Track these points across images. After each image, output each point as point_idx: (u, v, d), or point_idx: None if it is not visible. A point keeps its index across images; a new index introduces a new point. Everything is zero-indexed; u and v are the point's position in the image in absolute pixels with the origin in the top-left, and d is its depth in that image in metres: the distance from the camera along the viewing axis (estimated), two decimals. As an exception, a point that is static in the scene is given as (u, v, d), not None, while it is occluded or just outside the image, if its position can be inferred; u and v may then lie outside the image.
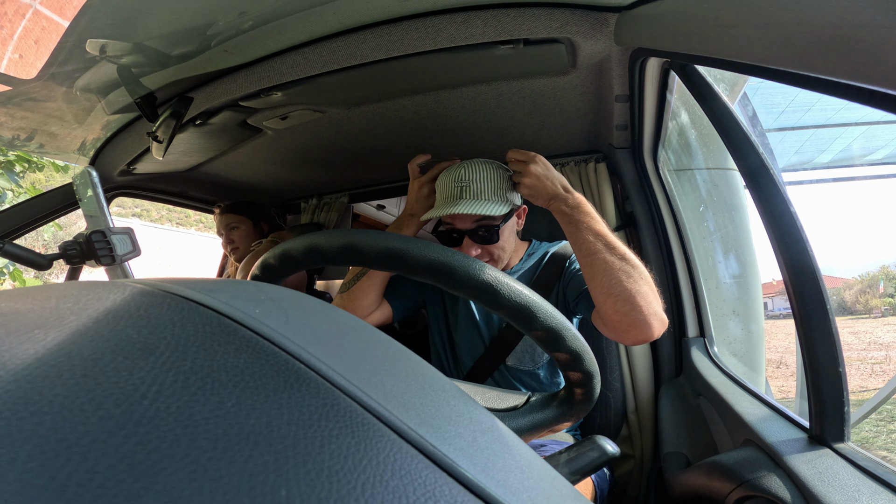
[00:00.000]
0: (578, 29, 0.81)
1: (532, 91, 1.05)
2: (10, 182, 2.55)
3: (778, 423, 0.65)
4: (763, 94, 2.24)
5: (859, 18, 0.34)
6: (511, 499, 0.16)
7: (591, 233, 0.76)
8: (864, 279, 12.37)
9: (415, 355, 0.23)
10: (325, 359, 0.18)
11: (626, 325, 0.72)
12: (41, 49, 0.75)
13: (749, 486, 0.57)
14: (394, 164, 1.54)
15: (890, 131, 2.72)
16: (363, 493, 0.13)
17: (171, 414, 0.13)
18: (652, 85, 0.92)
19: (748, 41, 0.47)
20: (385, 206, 2.47)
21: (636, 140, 1.16)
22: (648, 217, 1.22)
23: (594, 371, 0.42)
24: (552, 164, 1.42)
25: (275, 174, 1.61)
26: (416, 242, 0.36)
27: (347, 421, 0.16)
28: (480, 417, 0.21)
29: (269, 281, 0.44)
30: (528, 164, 0.82)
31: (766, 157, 0.63)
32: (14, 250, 0.47)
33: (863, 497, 0.46)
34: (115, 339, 0.16)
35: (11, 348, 0.14)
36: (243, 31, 0.81)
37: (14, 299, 0.19)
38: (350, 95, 1.06)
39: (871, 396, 3.08)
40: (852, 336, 8.44)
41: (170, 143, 1.01)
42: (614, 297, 0.72)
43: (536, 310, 0.36)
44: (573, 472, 0.40)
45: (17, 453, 0.11)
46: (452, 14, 0.81)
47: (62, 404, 0.13)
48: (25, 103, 0.94)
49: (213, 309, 0.19)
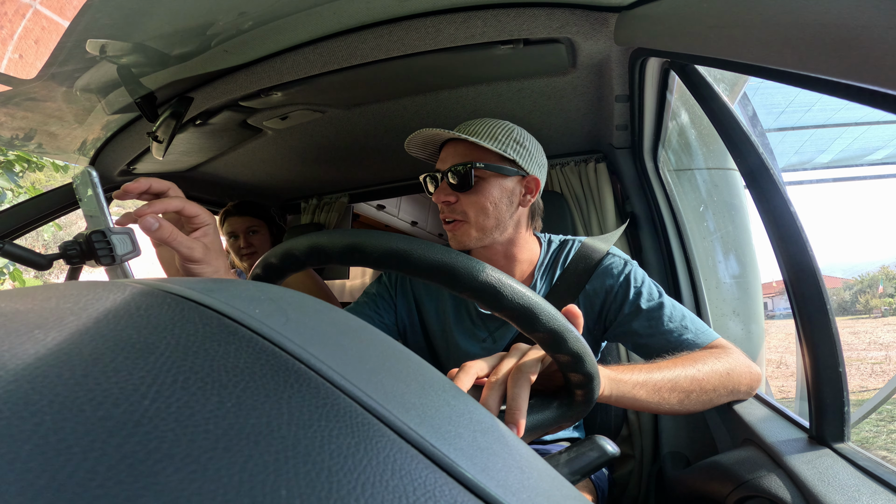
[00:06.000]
0: (578, 29, 0.81)
1: (532, 91, 1.05)
2: (9, 182, 2.55)
3: (778, 423, 0.65)
4: (763, 94, 2.24)
5: (859, 18, 0.34)
6: (511, 499, 0.16)
7: (644, 394, 0.57)
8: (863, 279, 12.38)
9: (415, 355, 0.23)
10: (325, 359, 0.18)
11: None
12: (41, 49, 0.75)
13: (749, 487, 0.57)
14: (394, 164, 1.54)
15: (890, 131, 2.72)
16: (363, 493, 0.13)
17: (171, 414, 0.13)
18: (652, 85, 0.92)
19: (748, 41, 0.47)
20: (385, 206, 2.47)
21: (636, 140, 1.16)
22: (648, 217, 1.22)
23: (595, 373, 0.42)
24: (552, 164, 1.44)
25: (275, 174, 1.61)
26: (420, 243, 0.36)
27: (347, 421, 0.16)
28: (480, 417, 0.21)
29: (270, 280, 0.44)
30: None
31: (766, 157, 0.63)
32: (14, 250, 0.47)
33: (863, 497, 0.46)
34: (115, 339, 0.16)
35: (11, 348, 0.14)
36: (243, 31, 0.81)
37: (14, 299, 0.19)
38: (350, 95, 1.06)
39: (871, 396, 3.08)
40: (852, 336, 8.45)
41: (170, 143, 1.01)
42: (694, 410, 0.63)
43: (539, 312, 0.36)
44: (573, 473, 0.40)
45: (17, 453, 0.11)
46: (452, 14, 0.81)
47: (62, 404, 0.13)
48: (25, 103, 0.94)
49: (213, 309, 0.19)
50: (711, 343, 0.70)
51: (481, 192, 0.76)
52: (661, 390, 0.58)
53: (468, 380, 0.44)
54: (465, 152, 0.77)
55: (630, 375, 0.56)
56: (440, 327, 0.88)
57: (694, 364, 0.62)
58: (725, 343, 0.71)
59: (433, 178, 0.81)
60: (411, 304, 0.90)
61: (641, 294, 0.75)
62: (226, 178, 1.60)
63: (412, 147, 0.83)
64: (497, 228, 0.78)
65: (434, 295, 0.88)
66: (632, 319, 0.74)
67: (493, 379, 0.45)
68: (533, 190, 0.81)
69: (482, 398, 0.44)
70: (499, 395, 0.44)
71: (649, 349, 0.72)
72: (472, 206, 0.77)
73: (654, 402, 0.57)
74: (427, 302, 0.89)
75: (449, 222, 0.79)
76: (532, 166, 0.79)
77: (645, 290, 0.75)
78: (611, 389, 0.53)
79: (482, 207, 0.76)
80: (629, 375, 0.56)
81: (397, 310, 0.90)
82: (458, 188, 0.77)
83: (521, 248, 0.83)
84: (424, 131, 0.77)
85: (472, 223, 0.77)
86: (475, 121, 0.80)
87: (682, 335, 0.70)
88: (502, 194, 0.78)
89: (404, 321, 0.91)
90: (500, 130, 0.77)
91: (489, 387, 0.44)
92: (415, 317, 0.91)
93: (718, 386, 0.63)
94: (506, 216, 0.78)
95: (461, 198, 0.77)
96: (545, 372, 0.48)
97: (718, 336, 0.72)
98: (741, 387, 0.66)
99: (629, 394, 0.55)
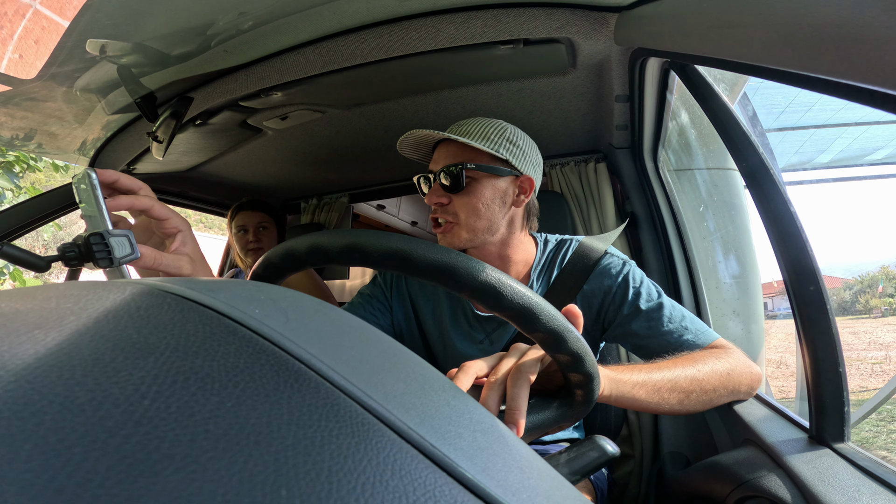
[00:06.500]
0: (578, 29, 0.81)
1: (532, 91, 1.05)
2: (9, 182, 2.55)
3: (778, 423, 0.65)
4: (763, 94, 2.24)
5: (859, 18, 0.34)
6: (511, 499, 0.16)
7: (644, 394, 0.57)
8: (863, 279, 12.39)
9: (415, 355, 0.23)
10: (325, 359, 0.18)
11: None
12: (41, 49, 0.75)
13: (749, 487, 0.57)
14: (394, 164, 1.54)
15: (890, 131, 2.72)
16: (363, 493, 0.13)
17: (171, 414, 0.13)
18: (652, 85, 0.92)
19: (748, 41, 0.47)
20: (385, 206, 2.48)
21: (636, 140, 1.16)
22: (648, 217, 1.22)
23: (595, 372, 0.42)
24: (552, 164, 1.44)
25: (275, 174, 1.61)
26: (420, 243, 0.36)
27: (347, 421, 0.16)
28: (480, 417, 0.21)
29: (270, 280, 0.44)
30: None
31: (766, 157, 0.63)
32: (12, 251, 0.46)
33: (863, 497, 0.46)
34: (115, 339, 0.16)
35: (11, 348, 0.14)
36: (243, 31, 0.81)
37: (14, 299, 0.19)
38: (350, 95, 1.06)
39: (871, 396, 3.08)
40: (852, 336, 8.45)
41: (170, 143, 1.01)
42: (694, 410, 0.63)
43: (539, 312, 0.36)
44: (573, 472, 0.40)
45: (17, 453, 0.11)
46: (452, 14, 0.81)
47: (62, 404, 0.13)
48: (25, 103, 0.94)
49: (213, 309, 0.19)
50: (712, 343, 0.70)
51: (473, 192, 0.75)
52: (661, 390, 0.58)
53: (467, 380, 0.44)
54: (456, 153, 0.77)
55: (630, 375, 0.56)
56: (437, 329, 0.87)
57: (694, 364, 0.62)
58: (726, 343, 0.70)
59: (426, 178, 0.80)
60: (407, 306, 0.89)
61: (640, 294, 0.74)
62: (226, 178, 1.61)
63: (405, 148, 0.82)
64: (488, 230, 0.77)
65: (430, 297, 0.88)
66: (631, 320, 0.74)
67: (492, 379, 0.45)
68: (527, 190, 0.79)
69: (482, 398, 0.44)
70: (498, 395, 0.44)
71: (649, 350, 0.72)
72: (464, 207, 0.76)
73: (653, 403, 0.57)
74: (423, 304, 0.88)
75: (439, 224, 0.78)
76: (526, 166, 0.78)
77: (644, 290, 0.75)
78: (610, 389, 0.53)
79: (474, 208, 0.75)
80: (629, 375, 0.55)
81: (393, 311, 0.90)
82: (451, 189, 0.76)
83: (515, 249, 0.82)
84: (416, 132, 0.77)
85: (462, 224, 0.76)
86: (468, 120, 0.79)
87: (682, 336, 0.70)
88: (495, 195, 0.76)
89: (400, 323, 0.90)
90: (493, 130, 0.77)
91: (488, 387, 0.44)
92: (411, 319, 0.90)
93: (719, 386, 0.63)
94: (498, 217, 0.77)
95: (453, 199, 0.76)
96: (545, 372, 0.48)
97: (719, 336, 0.71)
98: (741, 387, 0.66)
99: (629, 394, 0.55)
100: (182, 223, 0.52)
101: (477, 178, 0.76)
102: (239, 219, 1.54)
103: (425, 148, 0.83)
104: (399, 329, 0.90)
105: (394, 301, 0.90)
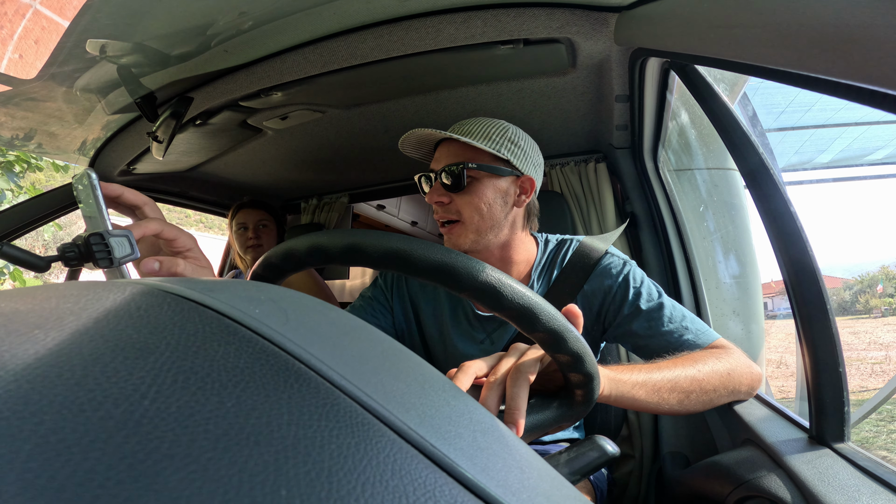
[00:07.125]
0: (578, 29, 0.81)
1: (532, 91, 1.05)
2: (9, 182, 2.55)
3: (778, 423, 0.65)
4: (763, 94, 2.24)
5: (859, 18, 0.34)
6: (511, 499, 0.16)
7: (644, 394, 0.57)
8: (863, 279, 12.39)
9: (415, 355, 0.23)
10: (325, 359, 0.18)
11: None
12: (41, 49, 0.75)
13: (749, 487, 0.57)
14: (394, 164, 1.54)
15: (890, 131, 2.72)
16: (363, 493, 0.13)
17: (171, 414, 0.13)
18: (652, 85, 0.92)
19: (748, 41, 0.47)
20: (385, 206, 2.48)
21: (636, 140, 1.16)
22: (648, 217, 1.22)
23: (594, 372, 0.42)
24: (552, 164, 1.44)
25: (275, 174, 1.61)
26: (420, 243, 0.36)
27: (347, 421, 0.16)
28: (480, 417, 0.21)
29: (271, 280, 0.44)
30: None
31: (766, 157, 0.63)
32: (11, 252, 0.46)
33: (863, 497, 0.46)
34: (115, 339, 0.16)
35: (11, 348, 0.14)
36: (243, 31, 0.81)
37: (14, 299, 0.19)
38: (350, 95, 1.06)
39: (871, 396, 3.08)
40: (852, 336, 8.45)
41: (170, 143, 1.01)
42: (694, 410, 0.63)
43: (539, 312, 0.36)
44: (573, 473, 0.40)
45: (17, 453, 0.11)
46: (452, 14, 0.81)
47: (62, 404, 0.13)
48: (25, 103, 0.94)
49: (213, 309, 0.19)
50: (712, 343, 0.70)
51: (475, 192, 0.76)
52: (661, 390, 0.57)
53: (467, 380, 0.44)
54: (458, 152, 0.77)
55: (630, 375, 0.55)
56: (437, 329, 0.88)
57: (694, 364, 0.62)
58: (726, 343, 0.70)
59: (427, 178, 0.81)
60: (408, 306, 0.90)
61: (641, 294, 0.74)
62: (226, 178, 1.61)
63: (406, 147, 0.83)
64: (492, 230, 0.77)
65: (431, 297, 0.88)
66: (631, 320, 0.74)
67: (492, 379, 0.44)
68: (528, 190, 0.79)
69: (481, 398, 0.44)
70: (498, 395, 0.44)
71: (649, 350, 0.72)
72: (466, 206, 0.76)
73: (653, 403, 0.57)
74: (424, 304, 0.88)
75: (445, 224, 0.79)
76: (527, 166, 0.78)
77: (644, 290, 0.75)
78: (610, 389, 0.53)
79: (476, 208, 0.76)
80: (629, 375, 0.55)
81: (394, 313, 0.90)
82: (452, 188, 0.76)
83: (516, 250, 0.82)
84: (417, 131, 0.77)
85: (467, 224, 0.76)
86: (469, 120, 0.79)
87: (683, 336, 0.70)
88: (496, 194, 0.77)
89: (401, 324, 0.90)
90: (495, 130, 0.77)
91: (488, 386, 0.44)
92: (412, 319, 0.90)
93: (719, 386, 0.63)
94: (500, 217, 0.77)
95: (454, 198, 0.77)
96: (545, 372, 0.48)
97: (719, 336, 0.71)
98: (742, 387, 0.66)
99: (629, 394, 0.55)
100: (190, 241, 0.52)
101: (478, 177, 0.76)
102: (240, 216, 1.55)
103: (427, 147, 0.83)
104: (400, 330, 0.91)
105: (394, 302, 0.90)
